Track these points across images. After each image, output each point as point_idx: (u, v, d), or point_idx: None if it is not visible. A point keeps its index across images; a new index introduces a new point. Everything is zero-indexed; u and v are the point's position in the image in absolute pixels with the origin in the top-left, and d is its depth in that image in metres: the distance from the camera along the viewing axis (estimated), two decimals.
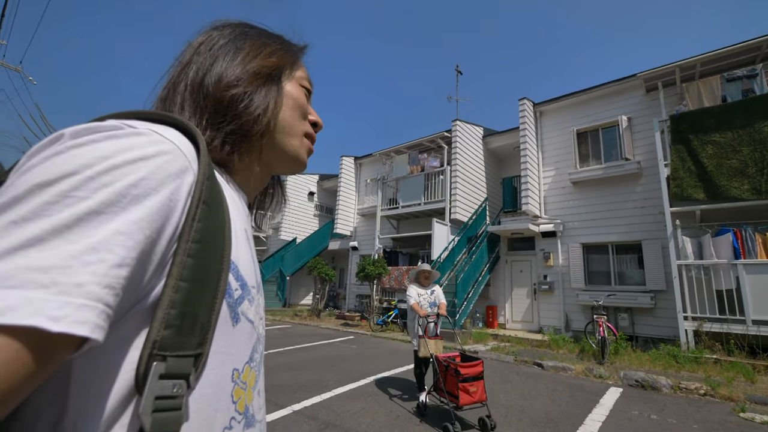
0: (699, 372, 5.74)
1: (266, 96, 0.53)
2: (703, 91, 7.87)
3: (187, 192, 0.36)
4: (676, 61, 8.00)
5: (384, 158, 14.40)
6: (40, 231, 0.27)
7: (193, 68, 0.51)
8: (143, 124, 0.36)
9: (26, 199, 0.28)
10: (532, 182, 10.09)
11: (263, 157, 0.55)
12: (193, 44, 0.54)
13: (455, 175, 11.45)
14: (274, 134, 0.54)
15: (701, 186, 7.16)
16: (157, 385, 0.32)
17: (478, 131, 12.77)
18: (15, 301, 0.24)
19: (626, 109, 9.36)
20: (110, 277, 0.28)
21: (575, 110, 10.31)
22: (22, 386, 0.26)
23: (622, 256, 9.02)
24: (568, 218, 9.87)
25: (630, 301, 8.24)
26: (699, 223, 7.65)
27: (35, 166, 0.30)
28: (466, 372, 3.57)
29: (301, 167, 0.60)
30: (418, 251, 13.18)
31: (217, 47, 0.53)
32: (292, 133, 0.56)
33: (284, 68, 0.57)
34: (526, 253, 10.62)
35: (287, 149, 0.56)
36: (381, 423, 3.69)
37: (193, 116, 0.49)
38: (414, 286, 4.58)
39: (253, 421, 0.46)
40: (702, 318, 6.77)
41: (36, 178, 0.29)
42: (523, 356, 6.85)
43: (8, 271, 0.25)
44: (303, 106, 0.58)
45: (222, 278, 0.39)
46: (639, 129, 9.08)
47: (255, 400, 0.47)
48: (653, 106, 8.87)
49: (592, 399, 4.65)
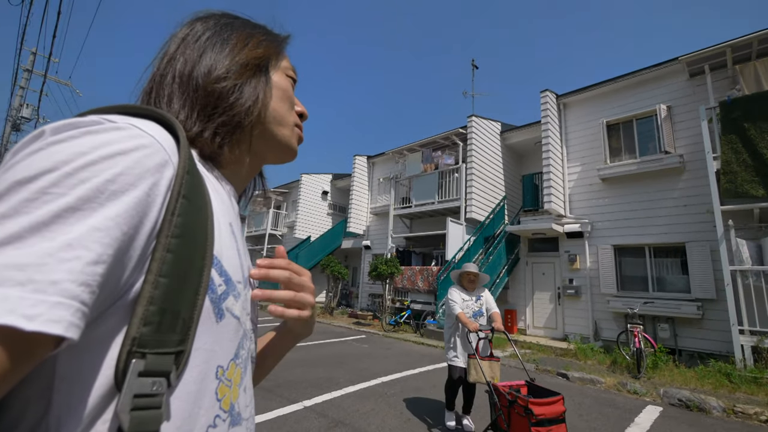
0: (759, 395, 4.93)
1: (256, 87, 0.53)
2: (761, 72, 6.88)
3: (166, 186, 0.36)
4: (726, 41, 7.07)
5: (397, 157, 14.03)
6: (18, 228, 0.27)
7: (180, 60, 0.50)
8: (123, 118, 0.36)
9: (6, 196, 0.28)
10: (556, 179, 9.26)
11: (254, 148, 0.55)
12: (178, 36, 0.53)
13: (471, 172, 10.84)
14: (265, 125, 0.54)
15: (759, 181, 6.18)
16: (136, 383, 0.32)
17: (496, 126, 12.08)
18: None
19: (665, 97, 8.42)
20: (86, 275, 0.28)
21: (605, 101, 9.41)
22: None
23: (662, 260, 8.03)
24: (596, 218, 8.95)
25: (672, 310, 7.24)
26: (758, 223, 6.64)
27: (17, 163, 0.30)
28: (541, 412, 2.52)
29: (292, 156, 0.60)
30: (432, 251, 12.64)
31: (203, 39, 0.52)
32: (282, 123, 0.56)
33: (271, 59, 0.56)
34: (549, 254, 9.75)
35: (279, 139, 0.56)
36: (391, 425, 3.59)
37: (182, 109, 0.48)
38: (457, 290, 3.67)
39: (240, 419, 0.45)
40: (763, 332, 5.79)
41: (16, 174, 0.29)
42: (546, 365, 6.20)
43: None
44: (291, 97, 0.59)
45: (204, 274, 0.38)
46: (681, 119, 8.12)
47: (241, 397, 0.46)
48: (698, 92, 7.91)
49: (626, 417, 4.16)
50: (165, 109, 0.48)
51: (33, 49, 14.79)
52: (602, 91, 9.42)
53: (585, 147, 9.53)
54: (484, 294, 3.75)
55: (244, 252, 0.50)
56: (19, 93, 14.85)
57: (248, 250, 7.74)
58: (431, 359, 6.58)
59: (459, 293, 3.64)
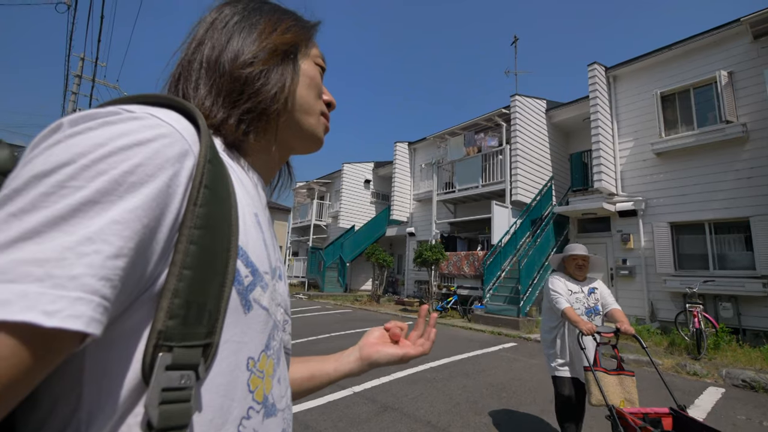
0: None
1: (283, 74, 0.52)
2: None
3: (187, 176, 0.35)
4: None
5: (438, 141, 14.01)
6: (36, 223, 0.27)
7: (207, 45, 0.50)
8: (141, 108, 0.35)
9: (25, 190, 0.28)
10: (606, 156, 9.01)
11: (280, 137, 0.54)
12: (206, 20, 0.53)
13: (515, 153, 10.71)
14: (292, 113, 0.54)
15: None
16: (163, 377, 0.31)
17: (541, 105, 11.76)
18: (10, 296, 0.24)
19: (725, 63, 7.87)
20: (106, 269, 0.28)
21: (657, 71, 8.93)
22: (22, 383, 0.26)
23: (723, 236, 7.71)
24: (651, 195, 8.67)
25: (735, 288, 7.01)
26: None
27: (36, 157, 0.30)
28: None
29: (318, 145, 0.60)
30: (477, 235, 12.70)
31: (231, 24, 0.52)
32: (309, 111, 0.56)
33: (299, 45, 0.55)
34: (601, 234, 9.59)
35: (305, 127, 0.56)
36: (440, 409, 3.58)
37: (209, 94, 0.48)
38: (560, 279, 2.81)
39: (274, 410, 0.45)
40: None
41: (35, 168, 0.29)
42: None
43: (6, 265, 0.25)
44: (319, 85, 0.58)
45: (230, 265, 0.37)
46: (744, 85, 7.59)
47: (275, 388, 0.46)
48: (763, 54, 7.34)
49: (686, 399, 4.16)
50: (191, 94, 0.49)
51: (81, 55, 15.21)
52: (655, 61, 8.93)
53: (637, 121, 9.15)
54: (598, 285, 2.85)
55: (271, 243, 0.49)
56: (72, 98, 14.88)
57: (295, 240, 8.39)
58: (479, 344, 6.75)
59: (564, 282, 2.79)
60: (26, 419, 0.31)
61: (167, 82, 0.52)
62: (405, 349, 0.68)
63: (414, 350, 0.69)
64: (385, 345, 0.69)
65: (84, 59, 15.26)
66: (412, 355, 0.68)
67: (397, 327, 0.71)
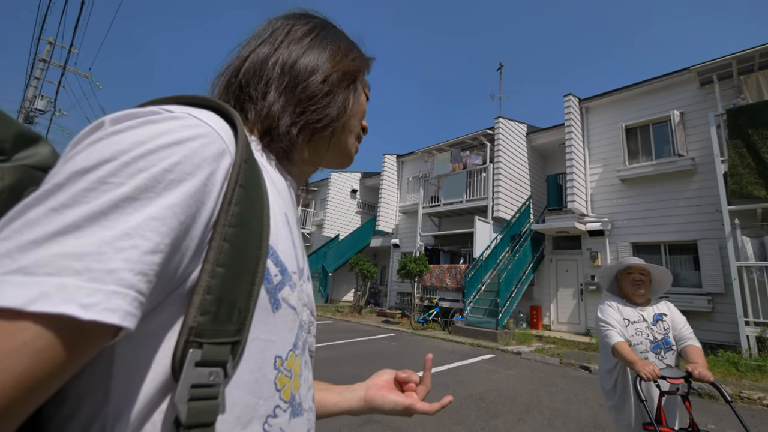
0: (762, 381, 5.54)
1: (347, 98, 0.55)
2: (762, 83, 7.43)
3: (223, 176, 0.36)
4: (732, 53, 7.59)
5: (426, 156, 14.47)
6: (77, 218, 0.27)
7: (283, 51, 0.52)
8: (181, 108, 0.36)
9: (66, 186, 0.28)
10: (578, 179, 9.92)
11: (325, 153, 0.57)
12: (279, 30, 0.54)
13: (498, 172, 11.43)
14: (341, 133, 0.57)
15: (762, 183, 6.81)
16: (193, 373, 0.32)
17: (522, 128, 12.64)
18: (49, 288, 0.25)
19: (678, 104, 8.96)
20: (143, 264, 0.28)
21: (623, 106, 9.97)
22: (56, 374, 0.26)
23: (676, 257, 8.73)
24: (616, 217, 9.64)
25: (685, 303, 7.97)
26: (761, 222, 7.26)
27: (78, 154, 0.30)
28: None
29: (349, 163, 0.62)
30: (460, 249, 13.27)
31: (309, 39, 0.54)
32: (352, 132, 0.59)
33: (360, 75, 0.59)
34: (572, 252, 10.50)
35: (343, 145, 0.58)
36: (421, 421, 3.69)
37: (278, 98, 0.50)
38: (612, 305, 2.14)
39: (301, 410, 0.45)
40: (766, 323, 6.50)
41: (76, 165, 0.29)
42: (569, 359, 6.86)
43: (46, 258, 0.25)
44: (365, 112, 0.62)
45: (260, 263, 0.38)
46: (693, 124, 8.68)
47: (302, 388, 0.46)
48: (708, 100, 8.44)
49: None
50: (260, 93, 0.49)
51: (50, 39, 14.59)
52: (622, 96, 9.97)
53: (606, 149, 10.13)
54: (667, 310, 2.15)
55: (299, 243, 0.50)
56: (34, 84, 14.21)
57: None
58: (460, 356, 6.93)
59: (616, 308, 2.13)
60: (53, 415, 0.31)
61: (223, 77, 0.52)
62: (411, 401, 0.65)
63: (421, 406, 0.65)
64: (392, 391, 0.67)
65: (54, 44, 14.51)
66: (417, 409, 0.65)
67: (411, 379, 0.69)
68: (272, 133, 0.49)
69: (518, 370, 6.17)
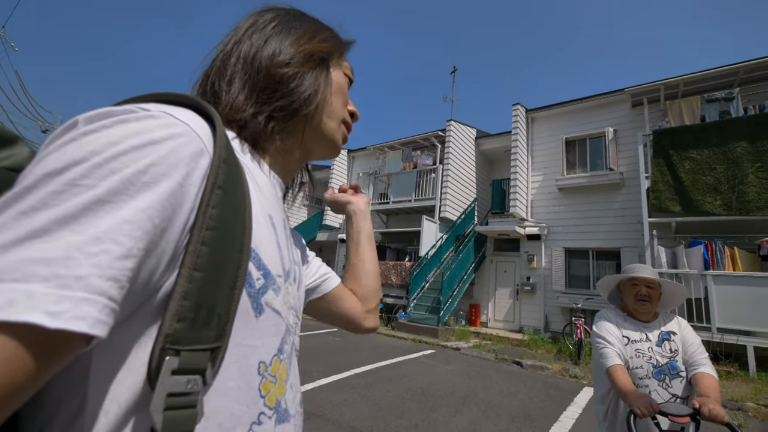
0: None
1: (317, 79, 0.53)
2: (684, 109, 8.26)
3: (201, 176, 0.35)
4: (661, 80, 8.37)
5: (377, 153, 14.45)
6: (45, 221, 0.26)
7: (245, 43, 0.51)
8: (158, 106, 0.35)
9: (36, 188, 0.27)
10: (521, 186, 10.39)
11: (304, 141, 0.55)
12: (247, 21, 0.54)
13: (447, 174, 11.66)
14: (319, 116, 0.55)
15: (677, 199, 7.56)
16: (169, 381, 0.31)
17: (471, 132, 13.01)
18: (15, 295, 0.23)
19: (613, 121, 9.71)
20: (114, 269, 0.27)
21: (565, 119, 10.63)
22: (25, 383, 0.25)
23: (602, 262, 9.44)
24: (553, 222, 10.23)
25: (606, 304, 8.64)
26: (674, 234, 8.08)
27: (49, 155, 0.29)
28: None
29: (336, 152, 0.60)
30: (406, 247, 13.40)
31: (270, 27, 0.53)
32: (332, 115, 0.57)
33: (333, 55, 0.58)
34: (511, 254, 10.98)
35: (324, 131, 0.56)
36: (363, 414, 3.75)
37: (243, 89, 0.49)
38: (611, 320, 1.81)
39: (287, 416, 0.45)
40: None
41: (47, 166, 0.28)
42: (504, 354, 7.17)
43: (12, 263, 0.24)
44: (345, 93, 0.60)
45: (241, 267, 0.37)
46: (624, 141, 9.45)
47: (288, 393, 0.45)
48: (638, 120, 9.23)
49: (567, 397, 4.85)
50: (224, 88, 0.49)
51: None
52: (564, 110, 10.61)
53: (547, 158, 10.72)
54: (677, 328, 1.80)
55: (286, 245, 0.49)
56: None
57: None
58: (402, 351, 7.13)
59: (615, 323, 1.79)
60: (30, 419, 0.31)
61: (199, 78, 0.52)
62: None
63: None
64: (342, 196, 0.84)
65: None
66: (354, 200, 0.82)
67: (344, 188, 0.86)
68: (246, 126, 0.48)
69: (457, 365, 6.32)
